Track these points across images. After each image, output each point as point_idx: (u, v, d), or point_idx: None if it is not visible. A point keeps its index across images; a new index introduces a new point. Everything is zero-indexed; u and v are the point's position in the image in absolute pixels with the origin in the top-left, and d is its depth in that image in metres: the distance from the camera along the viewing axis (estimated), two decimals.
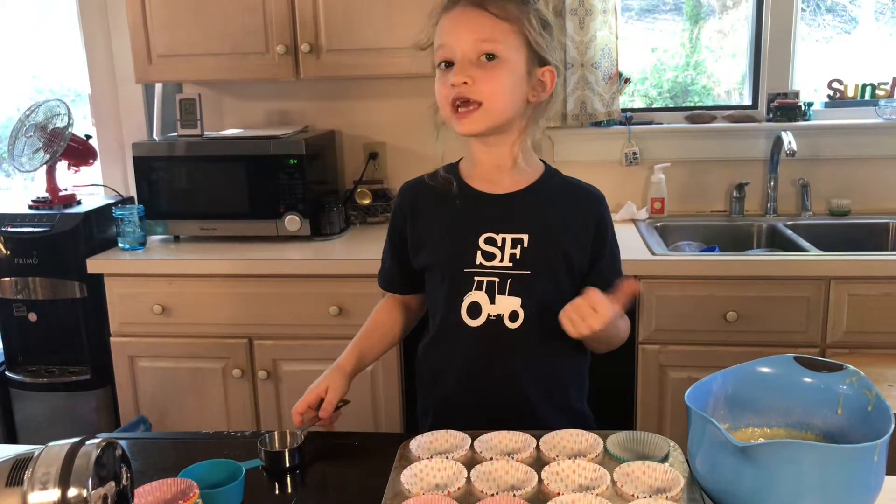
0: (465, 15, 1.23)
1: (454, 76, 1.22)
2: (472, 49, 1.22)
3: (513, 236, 1.29)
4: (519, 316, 1.28)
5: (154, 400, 2.42)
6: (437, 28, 1.26)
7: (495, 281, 1.28)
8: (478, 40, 1.21)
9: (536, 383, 1.32)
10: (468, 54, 1.22)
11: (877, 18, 2.86)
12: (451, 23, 1.24)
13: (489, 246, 1.29)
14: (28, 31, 3.13)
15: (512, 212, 1.31)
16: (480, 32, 1.22)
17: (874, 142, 2.65)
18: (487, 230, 1.29)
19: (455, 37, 1.23)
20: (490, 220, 1.30)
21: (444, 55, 1.24)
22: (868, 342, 2.14)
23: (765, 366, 1.11)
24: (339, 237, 2.52)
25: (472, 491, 1.00)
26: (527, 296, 1.28)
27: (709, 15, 2.90)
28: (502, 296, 1.28)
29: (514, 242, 1.29)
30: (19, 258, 2.38)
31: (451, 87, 1.22)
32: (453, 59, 1.23)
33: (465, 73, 1.21)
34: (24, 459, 0.76)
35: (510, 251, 1.28)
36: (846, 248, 2.37)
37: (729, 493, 0.95)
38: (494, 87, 1.22)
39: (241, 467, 1.09)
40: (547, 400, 1.33)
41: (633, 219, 2.67)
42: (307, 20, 2.40)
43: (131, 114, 2.85)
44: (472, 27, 1.22)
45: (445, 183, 1.34)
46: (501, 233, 1.29)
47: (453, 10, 1.24)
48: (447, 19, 1.25)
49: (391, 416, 2.34)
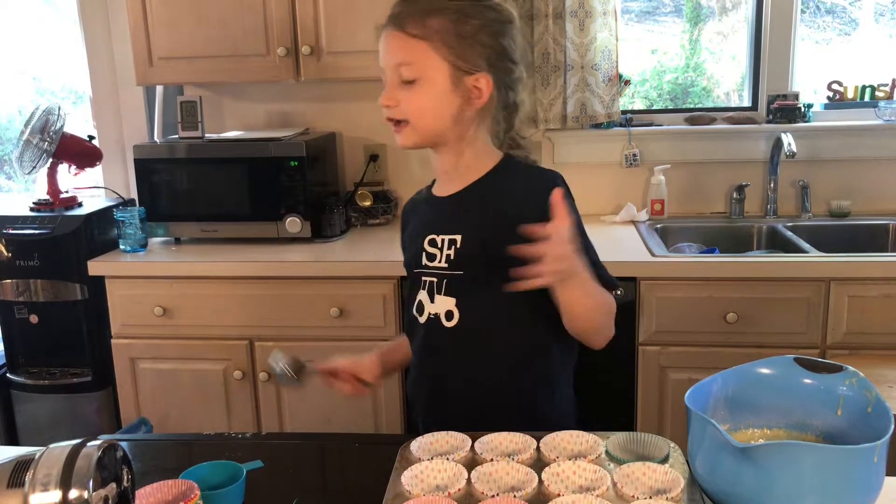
0: (388, 38, 1.27)
1: (382, 98, 1.28)
2: (393, 73, 1.26)
3: (448, 237, 1.31)
4: (454, 315, 1.30)
5: (155, 401, 2.42)
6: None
7: (434, 281, 1.32)
8: (396, 65, 1.26)
9: (478, 383, 1.31)
10: (392, 77, 1.27)
11: (876, 20, 2.86)
12: (381, 46, 1.29)
13: (431, 247, 1.33)
14: (29, 32, 3.13)
15: (450, 213, 1.33)
16: (397, 56, 1.26)
17: (874, 143, 2.65)
18: (430, 232, 1.33)
19: (382, 61, 1.28)
20: (432, 222, 1.35)
21: (381, 75, 1.29)
22: (868, 343, 2.14)
23: (765, 367, 1.11)
24: (339, 239, 2.53)
25: (473, 492, 1.00)
26: (461, 296, 1.30)
27: (708, 17, 2.90)
28: (440, 295, 1.31)
29: (449, 243, 1.31)
30: (21, 260, 2.38)
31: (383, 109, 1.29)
32: (384, 80, 1.29)
33: (390, 96, 1.27)
34: (25, 461, 0.76)
35: (446, 252, 1.31)
36: (846, 249, 2.37)
37: (729, 494, 0.95)
38: (416, 107, 1.26)
39: (242, 469, 1.09)
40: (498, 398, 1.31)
41: (633, 220, 2.68)
42: (308, 22, 2.40)
43: (132, 116, 2.86)
44: (392, 51, 1.27)
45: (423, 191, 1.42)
46: (440, 234, 1.32)
47: (383, 31, 1.28)
48: (380, 44, 1.29)
49: (392, 417, 2.35)
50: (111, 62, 2.82)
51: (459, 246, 1.29)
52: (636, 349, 2.21)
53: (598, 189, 2.75)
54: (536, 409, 1.33)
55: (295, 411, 2.38)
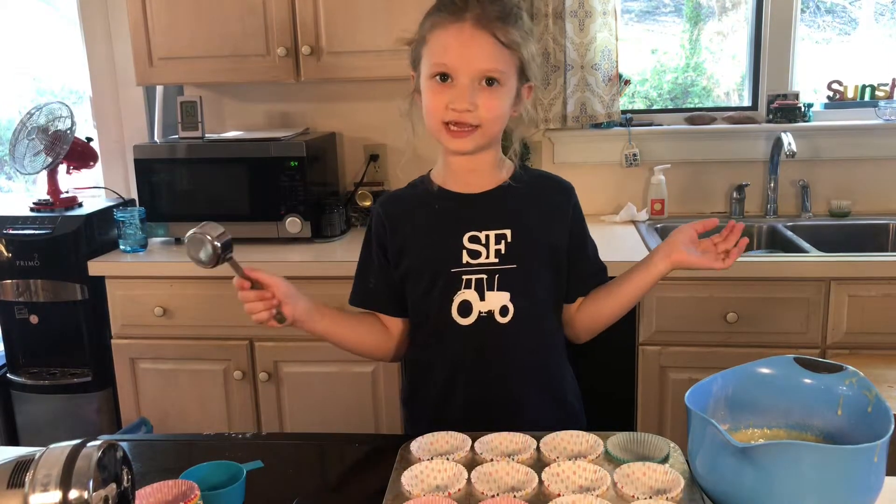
0: (473, 38, 1.21)
1: (457, 101, 1.22)
2: (477, 75, 1.22)
3: (496, 232, 1.30)
4: (509, 310, 1.30)
5: (155, 402, 2.42)
6: (435, 37, 1.25)
7: (483, 278, 1.29)
8: (483, 69, 1.22)
9: (529, 377, 1.34)
10: (470, 81, 1.22)
11: (876, 20, 2.86)
12: (457, 43, 1.22)
13: (473, 244, 1.30)
14: (29, 32, 3.13)
15: (493, 208, 1.33)
16: (487, 62, 1.22)
17: (874, 143, 2.65)
18: (471, 229, 1.30)
19: (460, 60, 1.22)
20: (472, 219, 1.31)
21: (443, 71, 1.23)
22: (868, 343, 2.14)
23: (765, 367, 1.11)
24: (339, 239, 2.53)
25: (473, 492, 1.00)
26: (515, 289, 1.30)
27: (708, 16, 2.90)
28: (491, 291, 1.29)
29: (497, 238, 1.30)
30: (21, 260, 2.38)
31: (448, 109, 1.23)
32: (452, 77, 1.23)
33: (469, 99, 1.21)
34: (25, 461, 0.76)
35: (495, 247, 1.30)
36: (846, 249, 2.37)
37: (729, 493, 0.95)
38: (494, 112, 1.24)
39: (242, 469, 1.09)
40: (542, 393, 1.35)
41: (634, 220, 2.68)
42: (307, 22, 2.40)
43: (132, 116, 2.86)
44: (478, 53, 1.21)
45: (424, 188, 1.36)
46: (485, 230, 1.30)
47: (456, 24, 1.22)
48: (451, 35, 1.22)
49: (392, 417, 2.35)
50: (111, 62, 2.82)
51: (510, 240, 1.30)
52: (636, 349, 2.21)
53: (598, 189, 2.75)
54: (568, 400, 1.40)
55: (295, 411, 2.38)
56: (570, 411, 1.39)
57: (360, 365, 2.32)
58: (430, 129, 1.29)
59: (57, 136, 2.50)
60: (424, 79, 1.27)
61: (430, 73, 1.25)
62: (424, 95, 1.27)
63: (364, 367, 2.32)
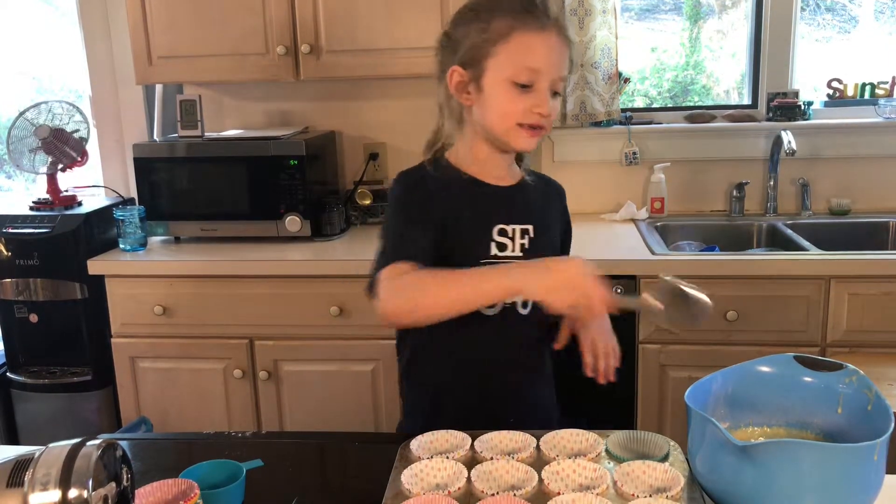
0: (558, 47, 1.26)
1: (542, 106, 1.25)
2: (555, 83, 1.26)
3: (521, 227, 1.34)
4: (528, 302, 1.34)
5: (155, 401, 2.42)
6: (520, 40, 1.24)
7: None
8: (561, 78, 1.27)
9: (537, 366, 1.42)
10: (548, 86, 1.25)
11: (876, 17, 2.86)
12: (546, 49, 1.25)
13: (502, 237, 1.33)
14: (29, 32, 3.13)
15: (519, 203, 1.37)
16: (563, 69, 1.27)
17: (874, 141, 2.65)
18: (500, 221, 1.33)
19: (548, 66, 1.24)
20: (502, 212, 1.34)
21: (530, 79, 1.24)
22: (868, 341, 2.14)
23: (765, 365, 1.11)
24: (339, 237, 2.53)
25: (473, 491, 1.00)
26: None
27: (708, 15, 2.90)
28: None
29: (522, 233, 1.34)
30: (20, 259, 2.38)
31: (532, 114, 1.25)
32: (534, 84, 1.24)
33: (551, 105, 1.26)
34: (24, 460, 0.76)
35: (520, 241, 1.34)
36: (846, 247, 2.37)
37: (729, 492, 0.95)
38: (556, 115, 1.30)
39: (241, 468, 1.09)
40: (541, 381, 1.43)
41: (633, 218, 2.68)
42: (307, 21, 2.40)
43: (132, 115, 2.85)
44: (560, 63, 1.26)
45: (452, 174, 1.33)
46: (512, 224, 1.33)
47: (545, 31, 1.24)
48: (540, 41, 1.24)
49: (391, 416, 2.34)
50: (111, 62, 2.82)
51: (533, 236, 1.35)
52: (636, 347, 2.21)
53: (597, 187, 2.75)
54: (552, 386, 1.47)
55: (295, 410, 2.38)
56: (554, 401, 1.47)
57: (360, 364, 2.32)
58: (494, 127, 1.29)
59: (62, 137, 2.50)
60: (499, 79, 1.25)
61: (512, 76, 1.24)
62: (497, 97, 1.26)
63: (364, 366, 2.32)
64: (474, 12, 1.28)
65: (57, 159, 2.52)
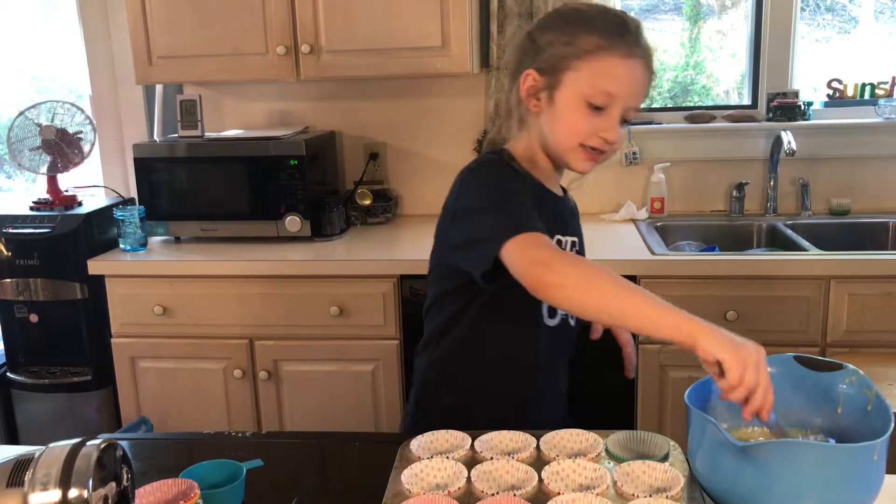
0: (640, 76, 1.22)
1: (610, 132, 1.22)
2: (629, 112, 1.23)
3: (571, 239, 1.35)
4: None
5: (155, 401, 2.42)
6: (605, 61, 1.20)
7: None
8: (635, 108, 1.24)
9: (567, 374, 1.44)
10: (619, 112, 1.22)
11: (876, 18, 2.86)
12: (630, 78, 1.21)
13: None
14: (29, 31, 3.13)
15: (567, 215, 1.37)
16: (640, 100, 1.24)
17: (874, 141, 2.65)
18: (556, 232, 1.30)
19: (627, 95, 1.22)
20: (556, 223, 1.31)
21: (605, 102, 1.21)
22: (868, 341, 2.14)
23: None
24: (339, 238, 2.53)
25: (473, 491, 1.00)
26: None
27: (708, 15, 2.90)
28: None
29: (571, 245, 1.35)
30: (21, 259, 2.38)
31: (597, 137, 1.22)
32: (607, 108, 1.21)
33: (619, 132, 1.23)
34: (24, 460, 0.76)
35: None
36: (846, 247, 2.38)
37: (729, 492, 0.95)
38: (621, 143, 1.27)
39: (241, 468, 1.09)
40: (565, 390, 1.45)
41: (633, 218, 2.68)
42: (307, 21, 2.40)
43: (132, 115, 2.85)
44: (641, 93, 1.24)
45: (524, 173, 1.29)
46: (566, 235, 1.33)
47: (632, 59, 1.21)
48: (626, 68, 1.21)
49: (391, 416, 2.35)
50: (111, 61, 2.82)
51: (578, 248, 1.37)
52: (636, 347, 2.21)
53: (597, 187, 2.74)
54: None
55: (295, 410, 2.38)
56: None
57: (360, 364, 2.32)
58: (557, 142, 1.26)
59: (67, 138, 2.50)
60: (573, 95, 1.22)
61: (588, 96, 1.21)
62: (567, 112, 1.23)
63: (364, 365, 2.32)
64: (565, 21, 1.24)
65: (58, 160, 2.52)
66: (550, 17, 1.27)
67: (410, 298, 2.25)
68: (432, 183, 2.78)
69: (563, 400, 1.44)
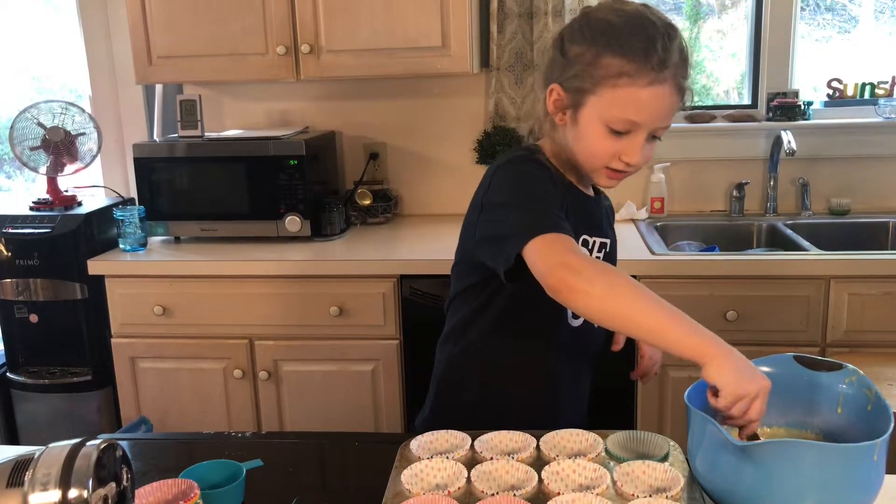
0: (668, 99, 1.18)
1: (632, 156, 1.20)
2: (658, 131, 1.22)
3: (600, 240, 1.33)
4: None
5: (155, 401, 2.42)
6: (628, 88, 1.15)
7: None
8: (664, 127, 1.22)
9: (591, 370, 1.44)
10: (645, 133, 1.20)
11: (876, 17, 2.86)
12: (655, 104, 1.17)
13: (584, 248, 1.30)
14: (29, 32, 3.13)
15: (598, 215, 1.36)
16: (668, 120, 1.20)
17: (874, 141, 2.65)
18: (583, 232, 1.29)
19: (650, 119, 1.18)
20: (588, 222, 1.31)
21: (627, 129, 1.18)
22: (868, 341, 2.14)
23: (765, 365, 1.11)
24: (339, 238, 2.53)
25: (473, 491, 1.00)
26: None
27: (708, 14, 2.90)
28: None
29: (600, 246, 1.33)
30: (20, 259, 2.38)
31: (619, 161, 1.21)
32: (632, 132, 1.19)
33: (644, 151, 1.21)
34: (24, 460, 0.76)
35: (596, 254, 1.32)
36: (846, 247, 2.37)
37: (729, 492, 0.95)
38: (648, 161, 1.26)
39: (241, 468, 1.09)
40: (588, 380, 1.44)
41: (633, 218, 2.68)
42: (307, 21, 2.40)
43: (132, 115, 2.85)
44: (668, 114, 1.20)
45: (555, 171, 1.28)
46: (594, 236, 1.32)
47: (657, 85, 1.15)
48: (650, 95, 1.15)
49: (392, 416, 2.35)
50: (110, 61, 2.82)
51: (608, 250, 1.35)
52: (636, 347, 2.21)
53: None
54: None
55: (295, 410, 2.38)
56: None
57: (360, 364, 2.32)
58: (583, 163, 1.25)
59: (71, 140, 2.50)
60: (595, 120, 1.19)
61: (609, 122, 1.18)
62: (591, 137, 1.21)
63: (364, 366, 2.32)
64: (592, 33, 1.19)
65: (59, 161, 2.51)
66: (582, 24, 1.21)
67: (410, 298, 2.25)
68: (432, 183, 2.78)
69: (583, 403, 1.42)
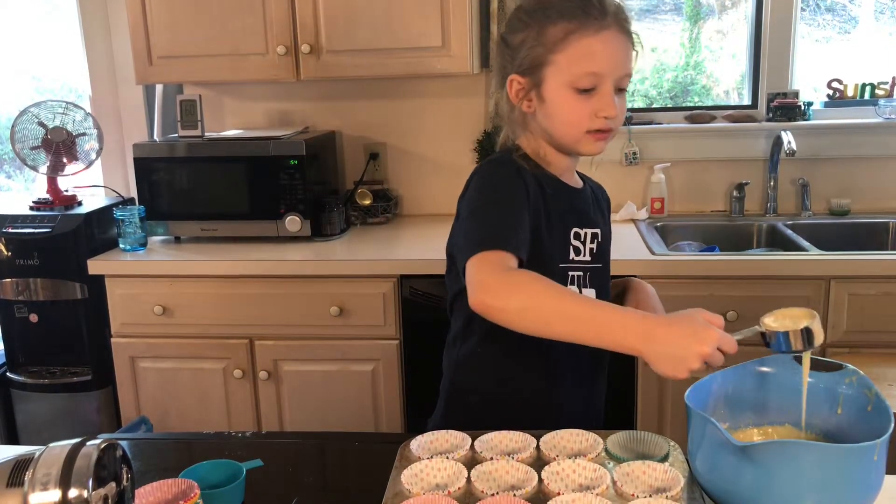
0: (619, 42, 1.20)
1: (608, 109, 1.20)
2: (620, 81, 1.21)
3: (591, 231, 1.32)
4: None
5: (155, 400, 2.42)
6: (577, 44, 1.18)
7: (580, 275, 1.30)
8: (626, 74, 1.22)
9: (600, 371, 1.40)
10: (612, 86, 1.20)
11: (876, 18, 2.86)
12: (607, 49, 1.19)
13: (576, 241, 1.30)
14: (29, 31, 3.13)
15: (587, 206, 1.35)
16: (628, 66, 1.22)
17: (874, 141, 2.65)
18: (573, 225, 1.29)
19: (610, 66, 1.19)
20: (574, 215, 1.31)
21: (592, 83, 1.19)
22: (868, 341, 2.14)
23: (765, 365, 1.11)
24: (339, 238, 2.53)
25: (473, 491, 1.00)
26: (600, 287, 1.33)
27: (708, 15, 2.90)
28: (586, 289, 1.31)
29: (592, 237, 1.32)
30: (20, 259, 2.38)
31: (598, 118, 1.21)
32: (597, 87, 1.20)
33: (616, 105, 1.21)
34: (24, 460, 0.76)
35: (589, 245, 1.31)
36: (846, 247, 2.38)
37: (729, 492, 0.95)
38: (623, 116, 1.25)
39: (241, 468, 1.09)
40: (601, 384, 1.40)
41: (633, 219, 2.68)
42: (307, 21, 2.40)
43: (132, 115, 2.86)
44: (624, 58, 1.21)
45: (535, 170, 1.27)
46: (584, 227, 1.31)
47: (603, 31, 1.18)
48: (599, 42, 1.18)
49: (391, 416, 2.35)
50: (111, 61, 2.82)
51: (601, 240, 1.34)
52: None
53: None
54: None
55: (295, 410, 2.38)
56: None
57: (360, 364, 2.32)
58: (562, 136, 1.25)
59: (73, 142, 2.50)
60: (560, 87, 1.21)
61: (574, 83, 1.20)
62: (562, 106, 1.22)
63: (364, 366, 2.32)
64: (528, 16, 1.23)
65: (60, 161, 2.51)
66: (516, 16, 1.26)
67: (410, 298, 2.25)
68: (432, 183, 2.78)
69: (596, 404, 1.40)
